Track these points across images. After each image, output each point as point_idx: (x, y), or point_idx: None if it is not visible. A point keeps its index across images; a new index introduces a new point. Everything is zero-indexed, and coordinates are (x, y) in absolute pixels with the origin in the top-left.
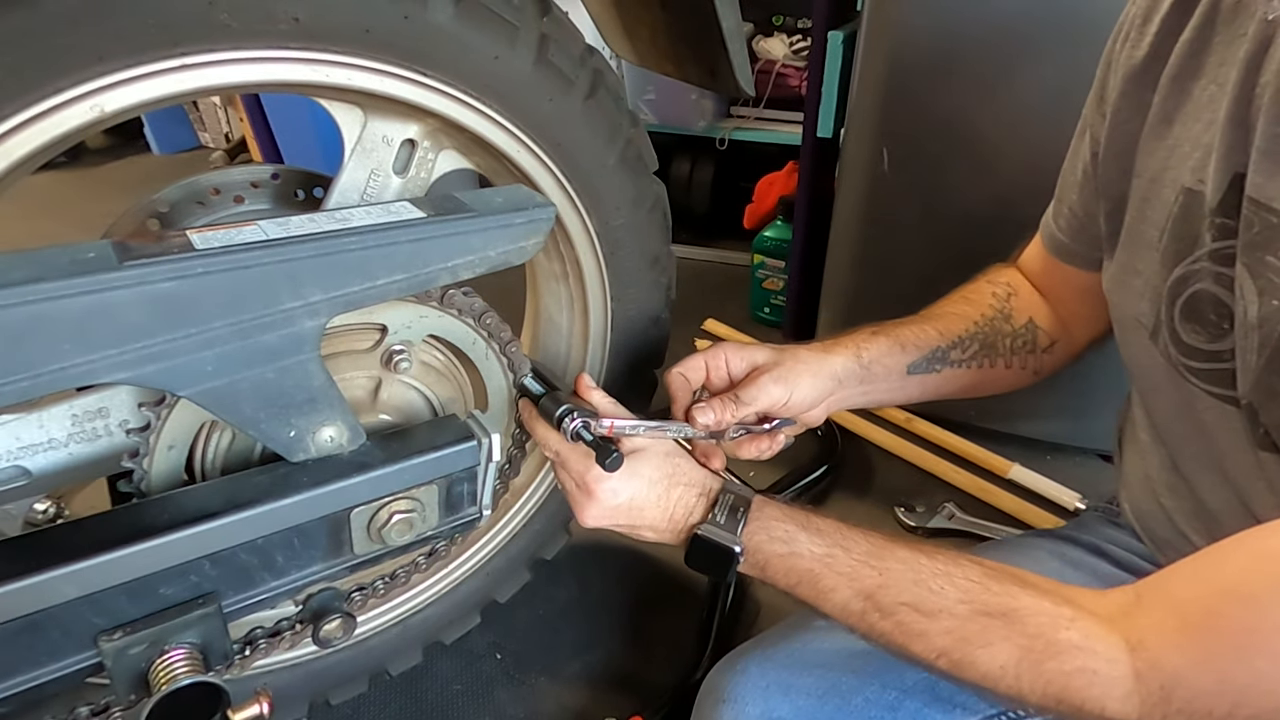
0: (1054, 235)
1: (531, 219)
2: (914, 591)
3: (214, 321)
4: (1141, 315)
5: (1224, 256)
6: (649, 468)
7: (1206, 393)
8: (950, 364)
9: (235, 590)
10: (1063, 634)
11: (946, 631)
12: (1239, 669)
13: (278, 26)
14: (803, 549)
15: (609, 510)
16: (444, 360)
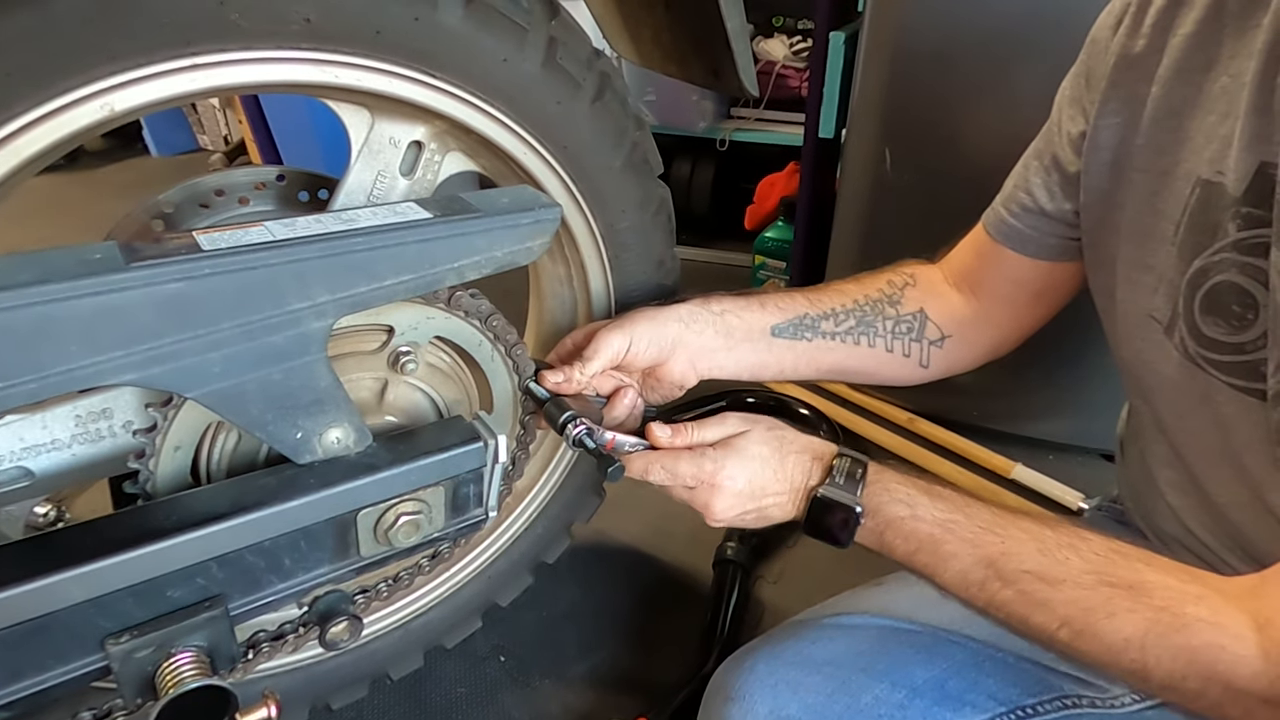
0: (1003, 220)
1: (538, 219)
2: (1038, 560)
3: (221, 323)
4: (1155, 310)
5: (1250, 246)
6: (755, 445)
7: (1228, 385)
8: (821, 334)
9: (242, 593)
10: (1190, 609)
11: (1070, 601)
12: None
13: (289, 27)
14: (924, 513)
15: (736, 496)
16: (450, 362)
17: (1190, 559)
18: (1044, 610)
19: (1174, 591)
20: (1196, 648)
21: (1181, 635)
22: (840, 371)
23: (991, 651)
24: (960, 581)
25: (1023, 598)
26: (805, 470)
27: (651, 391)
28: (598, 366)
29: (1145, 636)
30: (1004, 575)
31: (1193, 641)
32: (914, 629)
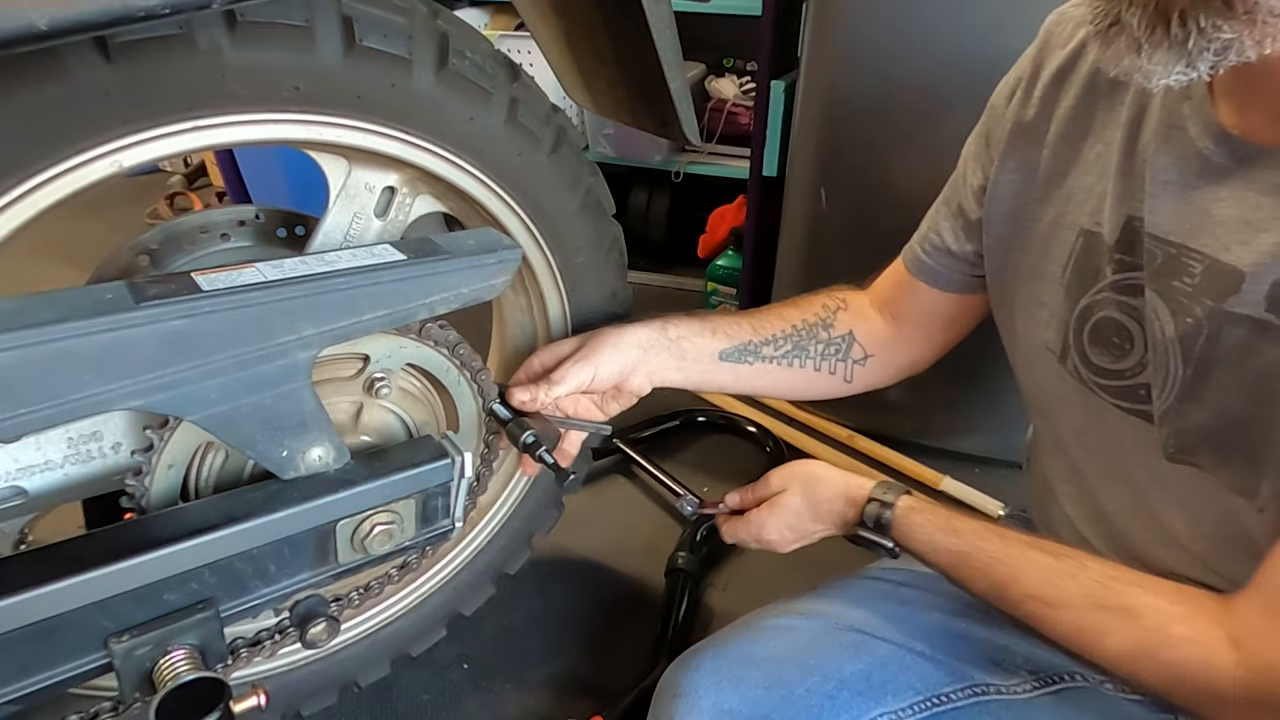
0: (918, 257)
1: (501, 260)
2: (1041, 587)
3: (218, 354)
4: (1049, 342)
5: (1125, 287)
6: (790, 502)
7: (1116, 407)
8: (762, 359)
9: (231, 596)
10: (1176, 629)
11: (1066, 623)
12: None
13: (280, 94)
14: (941, 546)
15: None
16: (420, 386)
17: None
18: (1048, 627)
19: (1163, 614)
20: (1182, 662)
21: (1168, 652)
22: (774, 389)
23: (912, 648)
24: (981, 596)
25: (1030, 617)
26: (839, 513)
27: (611, 402)
28: (562, 391)
29: (1135, 654)
30: (1012, 599)
31: (1178, 657)
32: (844, 629)
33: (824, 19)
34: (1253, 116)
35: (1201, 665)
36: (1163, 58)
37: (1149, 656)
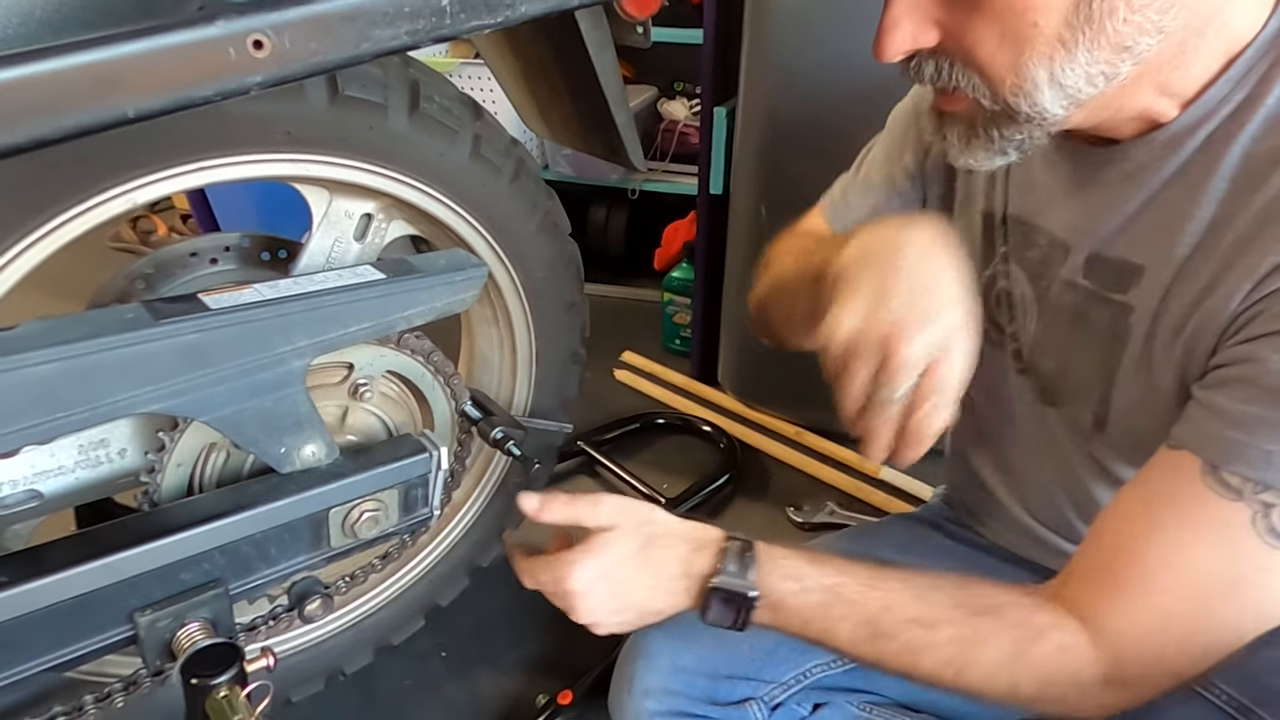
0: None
1: (469, 277)
2: (916, 606)
3: (226, 364)
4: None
5: (1010, 258)
6: (616, 545)
7: (1014, 365)
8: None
9: (238, 576)
10: (1037, 617)
11: (949, 639)
12: (1150, 610)
13: (273, 137)
14: (811, 582)
15: (595, 601)
16: (398, 390)
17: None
18: (929, 653)
19: (1022, 606)
20: (1050, 653)
21: (1038, 645)
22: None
23: None
24: (850, 641)
25: (907, 648)
26: (683, 561)
27: None
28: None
29: (1012, 653)
30: (888, 630)
31: (1046, 648)
32: None
33: (758, 52)
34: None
35: (1063, 652)
36: (981, 155)
37: (1024, 656)
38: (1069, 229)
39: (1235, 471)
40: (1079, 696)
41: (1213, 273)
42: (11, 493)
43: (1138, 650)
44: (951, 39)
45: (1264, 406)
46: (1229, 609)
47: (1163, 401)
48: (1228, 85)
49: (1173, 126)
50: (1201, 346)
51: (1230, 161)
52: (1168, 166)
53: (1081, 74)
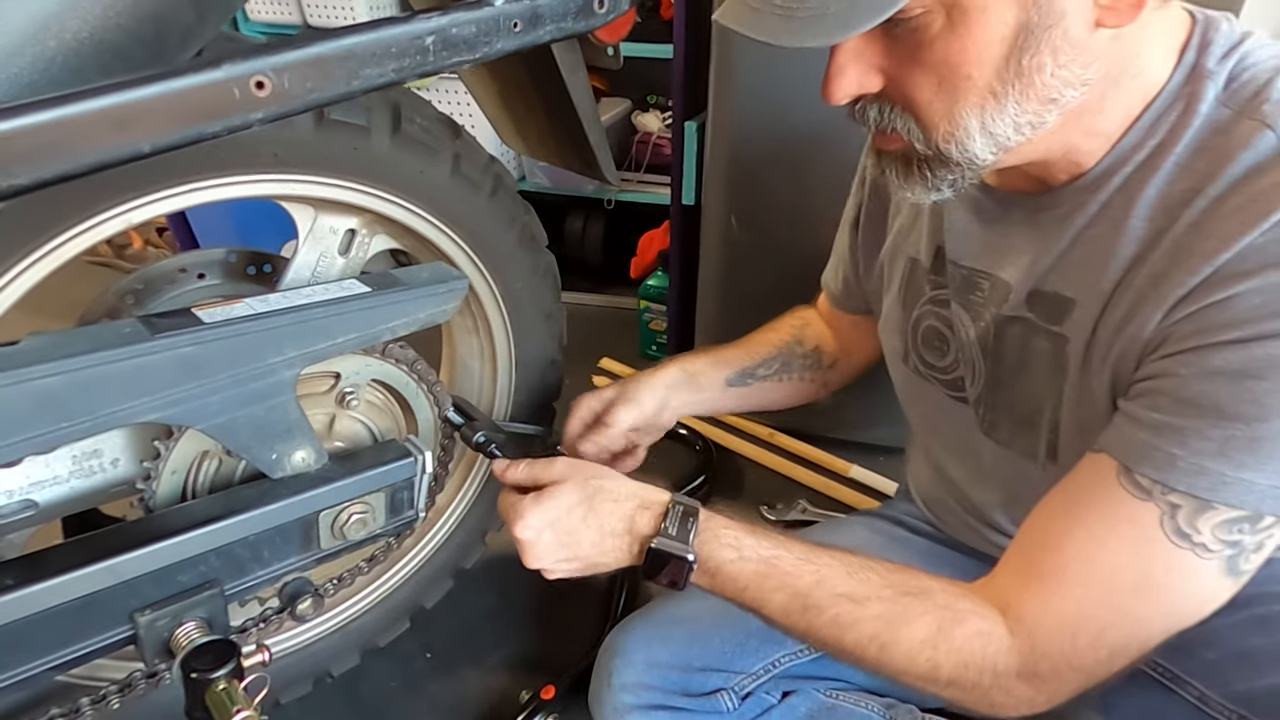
0: (831, 293)
1: (451, 289)
2: (848, 583)
3: (220, 374)
4: (897, 348)
5: (939, 300)
6: (563, 494)
7: (947, 395)
8: (759, 379)
9: (233, 578)
10: (961, 603)
11: (876, 615)
12: (1065, 602)
13: (261, 159)
14: (750, 552)
15: (542, 548)
16: (383, 398)
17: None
18: (855, 629)
19: (948, 592)
20: (971, 636)
21: (961, 627)
22: (768, 403)
23: None
24: (782, 611)
25: (835, 622)
26: (626, 517)
27: (645, 437)
28: (618, 431)
29: (936, 634)
30: (819, 603)
31: (968, 631)
32: None
33: (725, 71)
34: (1007, 175)
35: (982, 638)
36: (918, 190)
37: (946, 636)
38: (1010, 269)
39: (1145, 473)
40: (992, 684)
41: (1131, 303)
42: (8, 503)
43: (1051, 641)
44: (893, 85)
45: (1171, 415)
46: (1139, 606)
47: (1103, 425)
48: (1141, 132)
49: (1095, 170)
50: (1125, 368)
51: (1146, 202)
52: (1091, 207)
53: (1010, 123)
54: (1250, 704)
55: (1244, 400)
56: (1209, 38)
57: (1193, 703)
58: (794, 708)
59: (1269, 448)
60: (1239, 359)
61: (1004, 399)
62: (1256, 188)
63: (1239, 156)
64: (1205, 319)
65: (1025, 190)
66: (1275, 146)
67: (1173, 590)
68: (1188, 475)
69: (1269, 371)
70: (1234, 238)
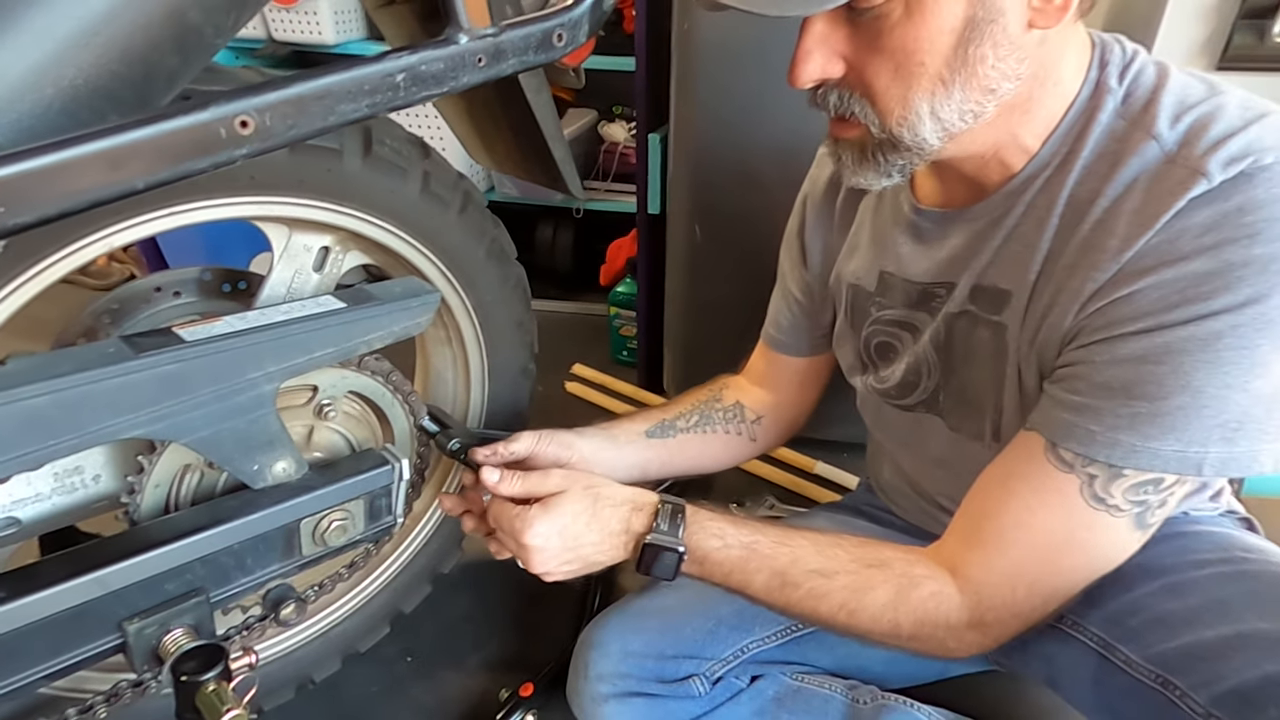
0: (773, 337)
1: (423, 303)
2: (818, 560)
3: (203, 390)
4: (850, 362)
5: (885, 320)
6: (568, 503)
7: (888, 404)
8: (679, 431)
9: (218, 585)
10: (917, 570)
11: (845, 586)
12: (1004, 560)
13: (239, 184)
14: (732, 540)
15: (549, 554)
16: (360, 409)
17: (902, 500)
18: (827, 600)
19: (904, 560)
20: (926, 598)
21: (916, 591)
22: (698, 459)
23: None
24: (764, 590)
25: (810, 595)
26: (624, 519)
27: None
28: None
29: (895, 599)
30: (795, 579)
31: (923, 593)
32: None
33: (685, 84)
34: (947, 181)
35: (935, 598)
36: (870, 175)
37: (904, 599)
38: (956, 270)
39: (1068, 448)
40: (946, 635)
41: (1052, 294)
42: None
43: (994, 595)
44: (854, 72)
45: (1088, 397)
46: (1065, 559)
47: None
48: (1058, 139)
49: (1023, 173)
50: (1049, 354)
51: (1061, 201)
52: (1019, 207)
53: (956, 110)
54: (1164, 663)
55: (1148, 382)
56: (1106, 57)
57: (1122, 667)
58: (762, 690)
59: (1169, 420)
60: (1142, 347)
61: (955, 387)
62: (1148, 192)
63: (1129, 162)
64: (1113, 313)
65: (961, 204)
66: (1159, 154)
67: (1092, 545)
68: (1104, 448)
69: (1166, 357)
70: (1134, 238)
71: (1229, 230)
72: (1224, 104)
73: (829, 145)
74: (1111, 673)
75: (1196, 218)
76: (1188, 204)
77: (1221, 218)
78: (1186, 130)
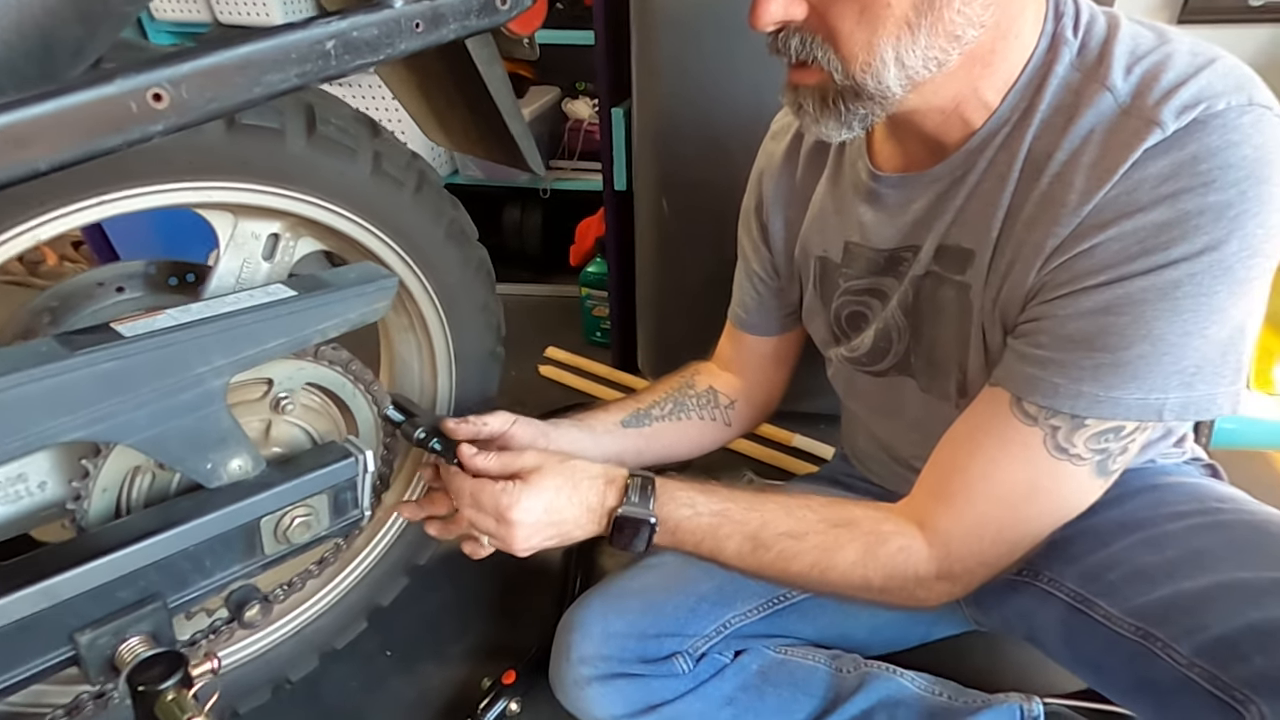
0: (739, 317)
1: (380, 288)
2: (787, 522)
3: (145, 388)
4: (822, 336)
5: (853, 289)
6: (550, 477)
7: (860, 371)
8: (654, 419)
9: (175, 590)
10: (884, 526)
11: (815, 546)
12: (971, 512)
13: (173, 167)
14: (703, 508)
15: (532, 528)
16: (320, 400)
17: (877, 468)
18: (798, 560)
19: (872, 518)
20: (894, 553)
21: (884, 547)
22: (675, 446)
23: None
24: (737, 555)
25: (781, 556)
26: (600, 492)
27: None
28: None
29: (864, 555)
30: (766, 542)
31: (891, 548)
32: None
33: (646, 56)
34: (910, 152)
35: (904, 551)
36: (832, 125)
37: (872, 555)
38: (921, 233)
39: (1032, 401)
40: (916, 586)
41: (1014, 250)
42: None
43: (962, 546)
44: (816, 14)
45: (1052, 351)
46: (1030, 508)
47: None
48: (1017, 94)
49: (983, 130)
50: (1012, 310)
51: (1020, 157)
52: (980, 163)
53: (920, 57)
54: (1144, 616)
55: (1110, 333)
56: (1061, 8)
57: (1101, 621)
58: (745, 665)
59: (1132, 369)
60: (1104, 299)
61: (924, 347)
62: (1104, 145)
63: (1085, 114)
64: (1075, 267)
65: (922, 166)
66: (1113, 106)
67: (1055, 493)
68: (1069, 399)
69: (1128, 308)
70: (1092, 192)
71: (1185, 179)
72: (1173, 52)
73: (788, 94)
74: (1091, 627)
75: (1152, 168)
76: (1143, 154)
77: (1177, 167)
78: (1139, 80)
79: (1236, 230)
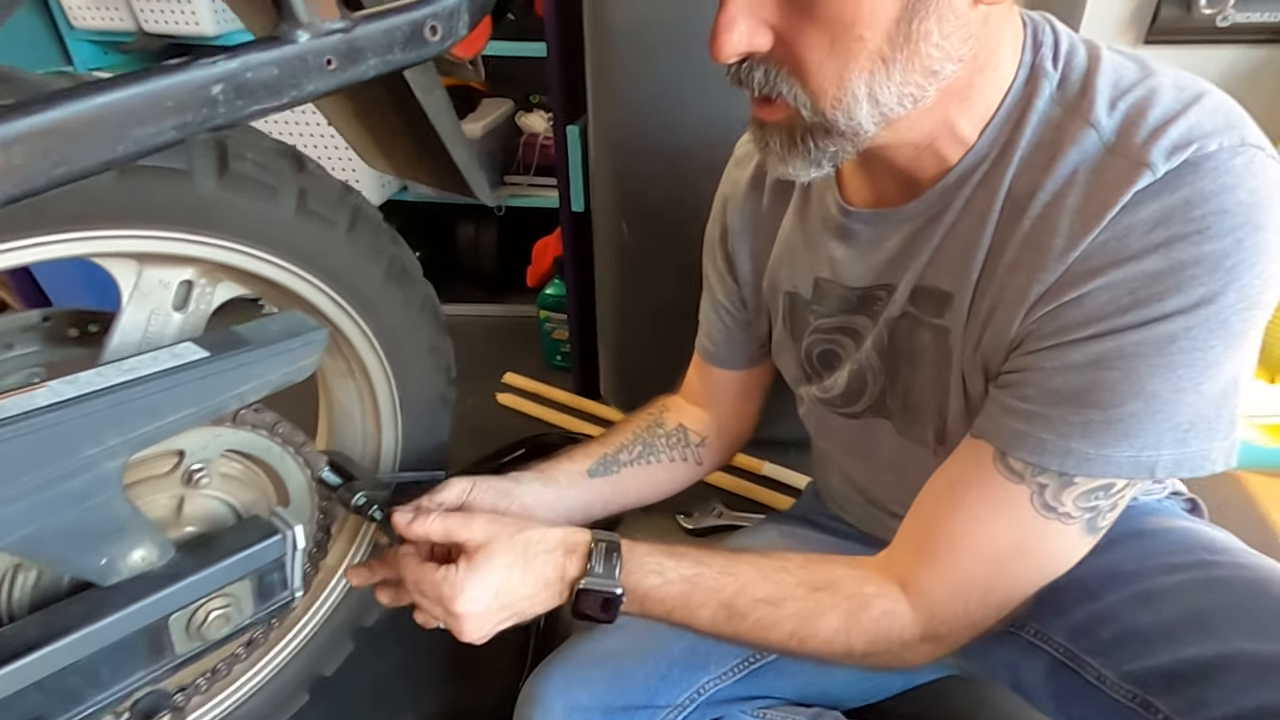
0: (706, 350)
1: (306, 342)
2: (764, 587)
3: (19, 479)
4: (793, 373)
5: (824, 327)
6: (498, 555)
7: (834, 413)
8: (622, 465)
9: (65, 709)
10: (866, 589)
11: (794, 614)
12: (956, 573)
13: (56, 218)
14: (673, 574)
15: (482, 617)
16: (243, 468)
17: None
18: (777, 629)
19: (854, 579)
20: (877, 617)
21: (867, 612)
22: (644, 491)
23: None
24: (711, 623)
25: (759, 625)
26: (558, 565)
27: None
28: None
29: (846, 622)
30: (742, 610)
31: (874, 613)
32: None
33: (601, 72)
34: (881, 187)
35: (887, 616)
36: (800, 164)
37: (855, 621)
38: (895, 272)
39: (1018, 457)
40: (901, 649)
41: (995, 294)
42: None
43: (947, 608)
44: (783, 45)
45: (1039, 405)
46: (1017, 568)
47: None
48: (995, 129)
49: (959, 167)
50: (995, 359)
51: (1000, 196)
52: (957, 202)
53: (895, 93)
54: (1143, 683)
55: (1100, 388)
56: (1039, 39)
57: (1093, 683)
58: None
59: (1124, 427)
60: (1094, 352)
61: (900, 390)
62: (1090, 186)
63: (1069, 152)
64: (1062, 317)
65: (894, 202)
66: (1098, 144)
67: (1043, 552)
68: (1057, 456)
69: (1119, 362)
70: (1079, 236)
71: (1178, 226)
72: (1158, 86)
73: (753, 131)
74: (1082, 687)
75: (1143, 213)
76: (1133, 198)
77: (1169, 212)
78: (1124, 117)
79: (1233, 282)
